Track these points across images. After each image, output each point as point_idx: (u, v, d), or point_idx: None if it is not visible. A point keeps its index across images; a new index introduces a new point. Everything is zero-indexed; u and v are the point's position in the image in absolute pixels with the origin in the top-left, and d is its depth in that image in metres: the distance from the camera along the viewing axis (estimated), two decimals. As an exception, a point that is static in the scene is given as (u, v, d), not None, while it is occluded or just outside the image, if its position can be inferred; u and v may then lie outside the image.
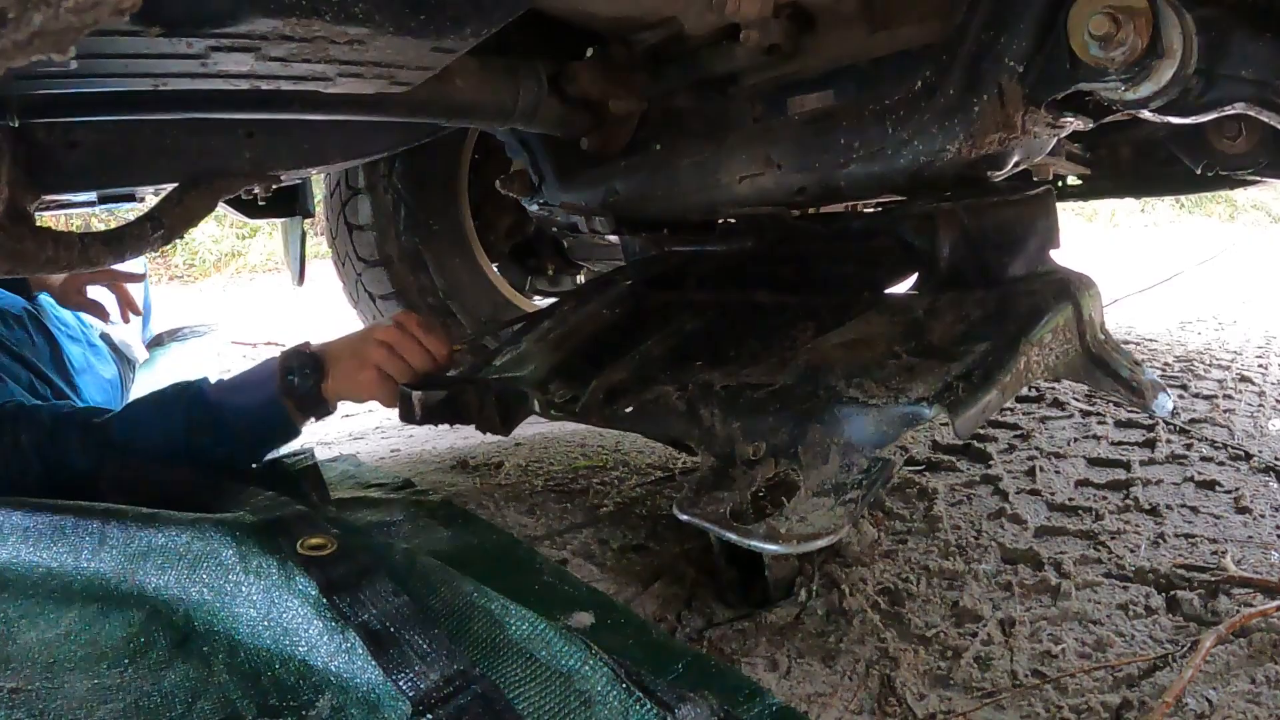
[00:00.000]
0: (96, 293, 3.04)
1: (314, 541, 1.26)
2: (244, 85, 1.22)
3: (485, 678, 0.99)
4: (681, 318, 1.67)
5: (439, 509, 1.67)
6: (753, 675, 1.14)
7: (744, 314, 1.63)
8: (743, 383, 1.35)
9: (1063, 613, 1.31)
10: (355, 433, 2.92)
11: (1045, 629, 1.27)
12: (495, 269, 3.08)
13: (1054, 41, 1.24)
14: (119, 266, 3.09)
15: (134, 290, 3.28)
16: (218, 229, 9.24)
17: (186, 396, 1.81)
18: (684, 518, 1.17)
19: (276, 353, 1.84)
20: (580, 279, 3.35)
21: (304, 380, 1.78)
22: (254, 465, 1.87)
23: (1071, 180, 2.79)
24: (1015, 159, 1.45)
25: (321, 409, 1.82)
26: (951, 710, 1.09)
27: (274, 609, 1.16)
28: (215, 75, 1.15)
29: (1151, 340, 3.18)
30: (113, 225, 1.61)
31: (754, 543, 1.10)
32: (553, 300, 2.59)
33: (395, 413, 1.73)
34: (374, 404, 1.83)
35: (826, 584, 1.36)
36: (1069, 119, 1.36)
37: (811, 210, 1.86)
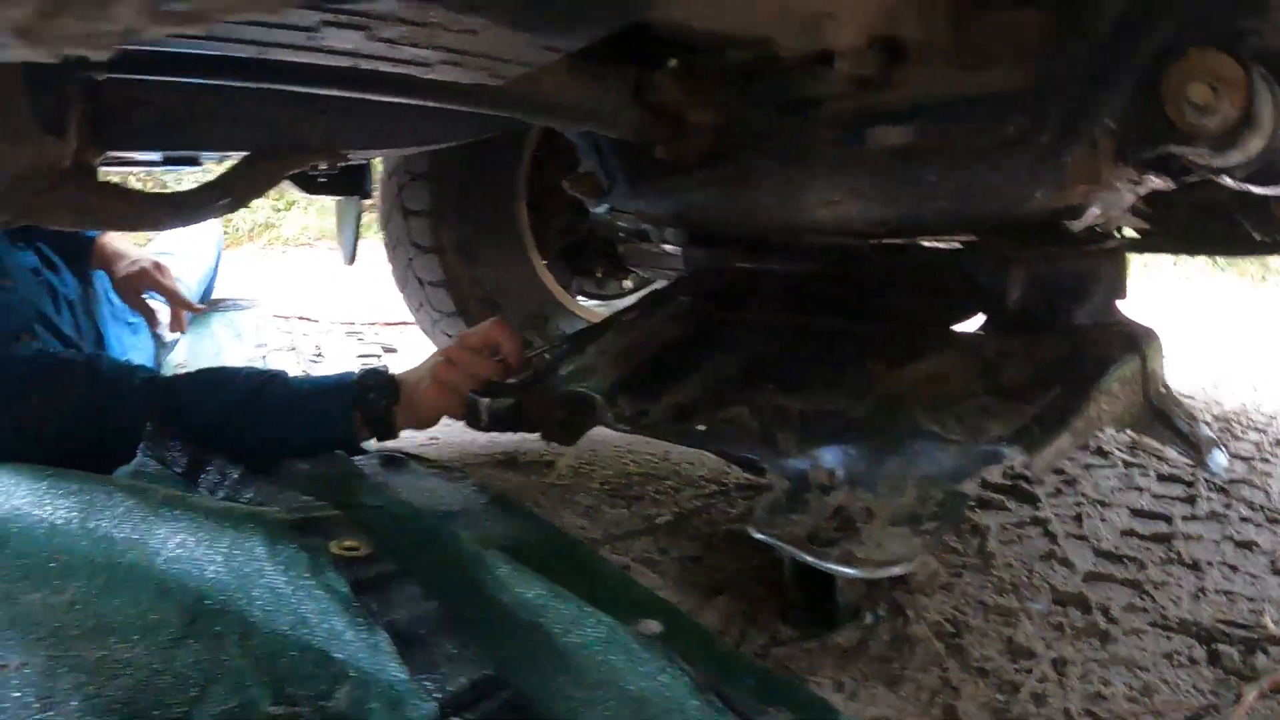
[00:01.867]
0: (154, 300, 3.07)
1: (348, 543, 1.27)
2: (344, 62, 1.21)
3: (514, 685, 1.00)
4: (749, 339, 1.69)
5: (495, 503, 1.68)
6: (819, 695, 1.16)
7: (812, 339, 1.65)
8: (819, 409, 1.37)
9: (1111, 656, 1.33)
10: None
11: (1095, 671, 1.29)
12: (545, 267, 3.09)
13: (1150, 103, 1.26)
14: (182, 293, 3.12)
15: (202, 261, 3.33)
16: (255, 200, 9.20)
17: (263, 379, 1.84)
18: (760, 536, 1.20)
19: (311, 328, 1.87)
20: (627, 284, 3.37)
21: (379, 397, 1.79)
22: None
23: (1128, 232, 2.80)
24: (1095, 211, 1.47)
25: (387, 431, 1.83)
26: (1011, 745, 1.12)
27: (296, 597, 1.16)
28: (318, 49, 1.14)
29: (1189, 398, 3.19)
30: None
31: (831, 565, 1.13)
32: (612, 310, 2.60)
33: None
34: None
35: (891, 610, 1.38)
36: (1153, 178, 1.38)
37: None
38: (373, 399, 1.79)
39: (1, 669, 1.04)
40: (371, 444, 1.86)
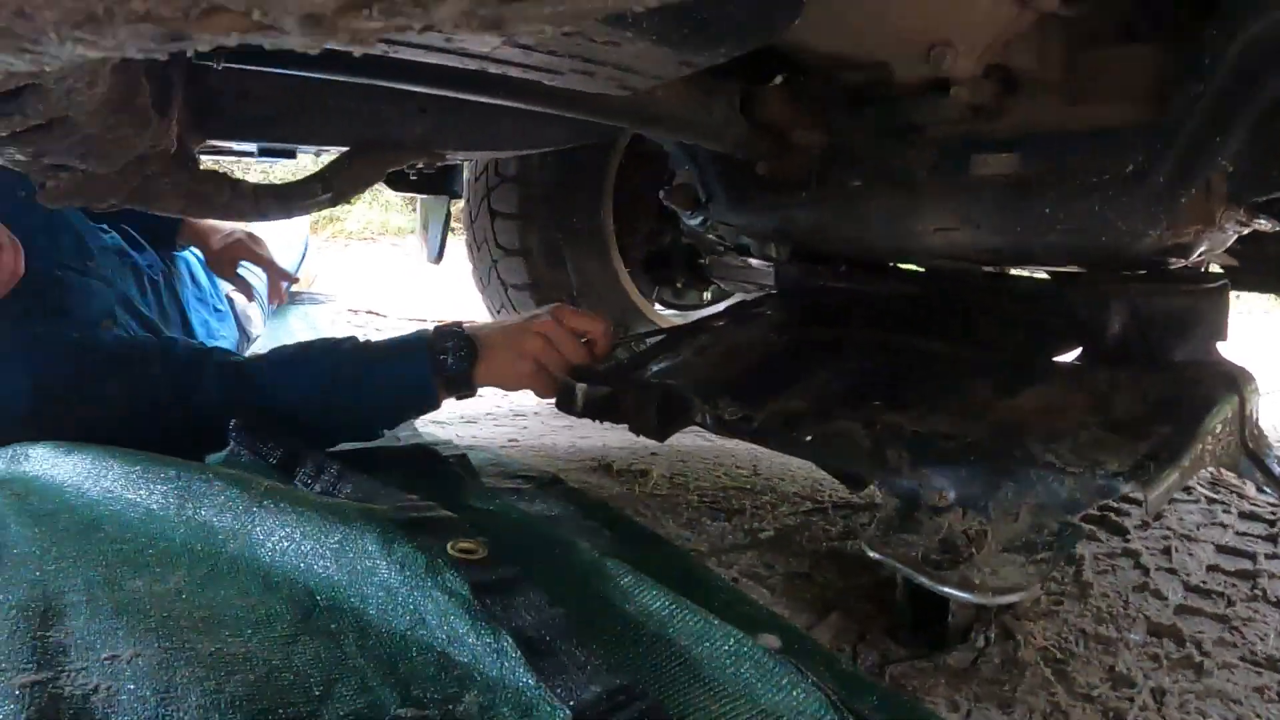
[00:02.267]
0: (247, 272, 3.10)
1: (464, 545, 1.25)
2: (471, 65, 1.20)
3: (649, 695, 0.99)
4: (853, 354, 1.71)
5: (597, 511, 1.70)
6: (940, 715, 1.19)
7: (917, 359, 1.67)
8: (931, 430, 1.39)
9: (1206, 689, 1.35)
10: (467, 416, 2.95)
11: (1192, 702, 1.31)
12: (627, 274, 3.12)
13: (1266, 146, 1.28)
14: (279, 263, 3.16)
15: (291, 250, 3.36)
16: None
17: (336, 351, 1.84)
18: (875, 556, 1.22)
19: (381, 323, 1.89)
20: (706, 296, 3.39)
21: (458, 361, 1.79)
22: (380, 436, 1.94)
23: (1214, 268, 2.80)
24: (1201, 249, 1.49)
25: (466, 391, 1.84)
26: (1120, 772, 1.14)
27: (413, 597, 1.14)
28: (451, 51, 1.12)
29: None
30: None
31: (948, 589, 1.15)
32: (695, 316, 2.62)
33: (507, 398, 1.76)
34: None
35: (1001, 634, 1.41)
36: (1261, 221, 1.39)
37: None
38: (449, 362, 1.80)
39: (113, 659, 1.03)
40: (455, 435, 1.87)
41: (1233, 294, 1.65)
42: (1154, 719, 1.26)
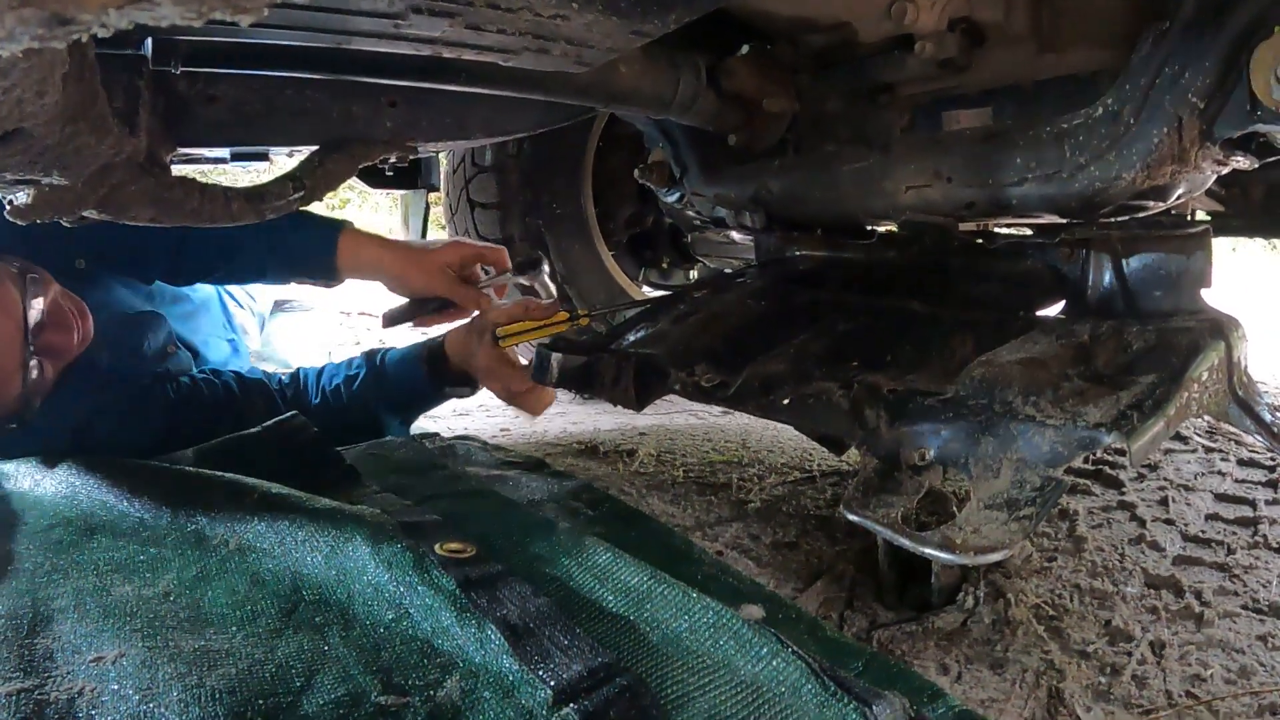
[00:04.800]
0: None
1: (453, 545, 1.28)
2: (425, 51, 1.20)
3: (631, 671, 1.00)
4: (832, 317, 1.68)
5: (581, 492, 1.69)
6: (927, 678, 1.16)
7: (896, 320, 1.64)
8: (911, 388, 1.36)
9: (1207, 639, 1.33)
10: (460, 409, 2.94)
11: (1193, 653, 1.29)
12: (612, 257, 3.10)
13: (1235, 81, 1.25)
14: None
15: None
16: (310, 197, 9.33)
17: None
18: (854, 519, 1.19)
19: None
20: (694, 274, 3.37)
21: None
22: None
23: (1200, 215, 2.76)
24: (1179, 192, 1.47)
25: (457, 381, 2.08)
26: (1116, 725, 1.12)
27: (400, 593, 1.17)
28: (402, 38, 1.13)
29: (1262, 383, 3.16)
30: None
31: (929, 551, 1.12)
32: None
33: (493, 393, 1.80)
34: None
35: (990, 593, 1.38)
36: (1237, 158, 1.37)
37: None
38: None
39: (98, 661, 1.06)
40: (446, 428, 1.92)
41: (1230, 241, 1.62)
42: (1153, 672, 1.24)
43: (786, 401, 1.45)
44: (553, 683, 0.97)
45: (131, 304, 2.16)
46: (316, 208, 1.80)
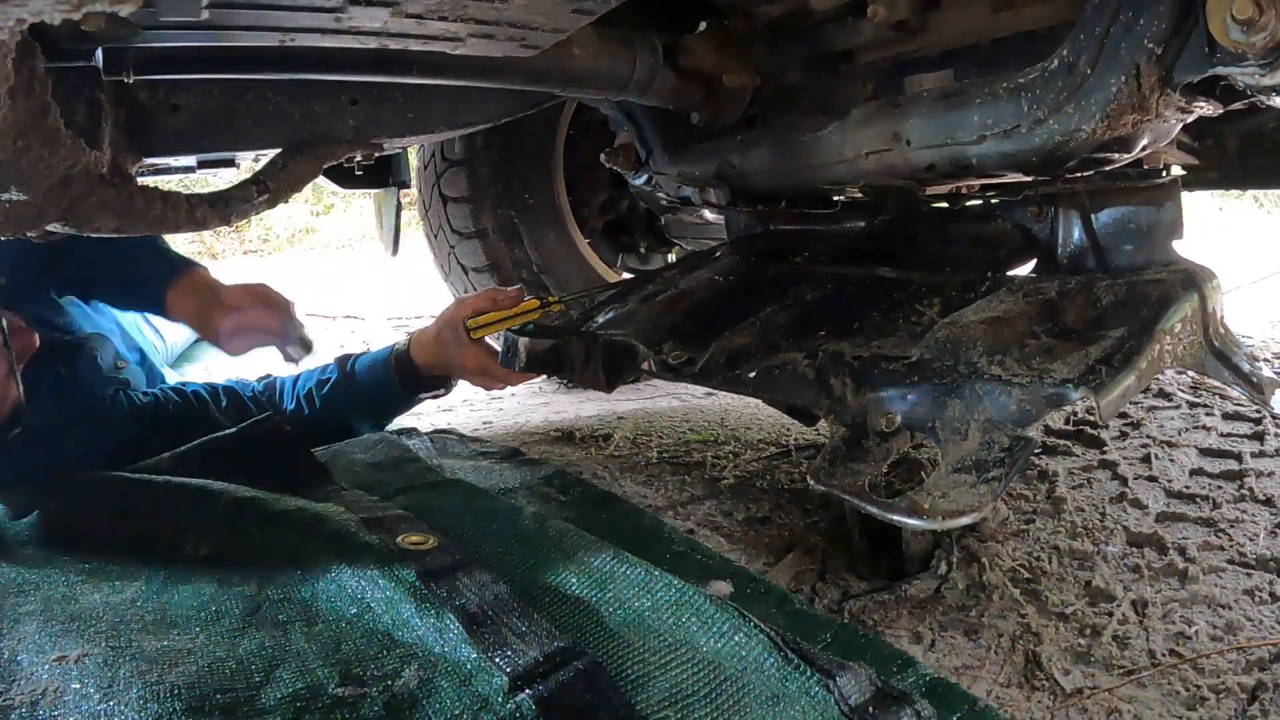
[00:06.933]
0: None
1: (414, 538, 1.30)
2: (371, 44, 1.20)
3: (588, 654, 1.00)
4: (800, 288, 1.66)
5: (554, 478, 1.68)
6: (897, 647, 1.14)
7: (865, 287, 1.62)
8: (876, 354, 1.34)
9: (1192, 596, 1.31)
10: (443, 405, 2.93)
11: (1177, 611, 1.27)
12: (588, 244, 3.08)
13: (1192, 24, 1.22)
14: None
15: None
16: (293, 204, 9.31)
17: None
18: (821, 488, 1.17)
19: (357, 326, 1.94)
20: (671, 258, 3.35)
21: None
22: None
23: (1176, 170, 2.73)
24: (1144, 143, 1.44)
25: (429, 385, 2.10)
26: (1096, 686, 1.09)
27: (361, 588, 1.19)
28: (346, 32, 1.13)
29: (1248, 337, 3.13)
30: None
31: (896, 517, 1.09)
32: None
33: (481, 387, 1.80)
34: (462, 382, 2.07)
35: (964, 559, 1.36)
36: (1200, 104, 1.34)
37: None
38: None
39: (60, 660, 1.07)
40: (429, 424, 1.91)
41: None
42: (1135, 631, 1.21)
43: (753, 374, 1.43)
44: (508, 669, 0.97)
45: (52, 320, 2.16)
46: (315, 210, 1.80)
